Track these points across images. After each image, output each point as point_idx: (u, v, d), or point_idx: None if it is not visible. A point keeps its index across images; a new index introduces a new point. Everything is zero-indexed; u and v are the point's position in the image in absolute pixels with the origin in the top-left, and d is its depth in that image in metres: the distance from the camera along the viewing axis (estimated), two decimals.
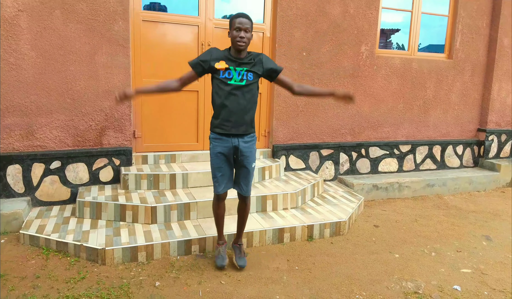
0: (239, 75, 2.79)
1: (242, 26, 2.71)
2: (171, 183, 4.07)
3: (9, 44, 3.71)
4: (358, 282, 3.03)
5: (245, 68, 2.81)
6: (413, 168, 5.81)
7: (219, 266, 3.06)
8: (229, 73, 2.78)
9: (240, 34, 2.71)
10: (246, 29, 2.72)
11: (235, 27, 2.73)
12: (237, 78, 2.79)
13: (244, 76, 2.80)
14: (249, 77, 2.82)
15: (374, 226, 4.17)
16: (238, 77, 2.79)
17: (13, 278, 2.86)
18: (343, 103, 3.00)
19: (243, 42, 2.73)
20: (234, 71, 2.78)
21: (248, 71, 2.82)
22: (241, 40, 2.72)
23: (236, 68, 2.79)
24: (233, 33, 2.74)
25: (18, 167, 3.89)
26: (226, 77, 2.79)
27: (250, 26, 2.75)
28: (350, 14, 5.03)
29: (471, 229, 4.21)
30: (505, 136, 6.23)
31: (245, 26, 2.72)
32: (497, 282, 3.12)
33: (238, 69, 2.79)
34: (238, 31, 2.72)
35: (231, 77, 2.78)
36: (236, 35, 2.72)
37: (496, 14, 5.78)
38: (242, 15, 2.76)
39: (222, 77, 2.79)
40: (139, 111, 4.40)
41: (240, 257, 3.14)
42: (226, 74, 2.78)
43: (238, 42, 2.72)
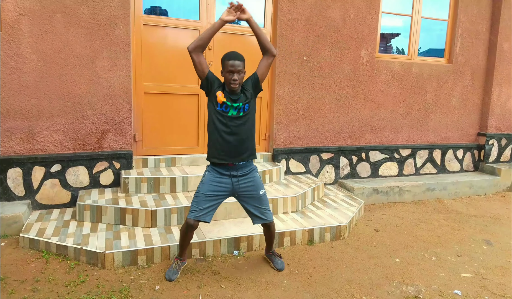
0: (235, 109, 2.85)
1: (234, 68, 2.77)
2: (171, 187, 4.07)
3: (10, 48, 3.72)
4: (358, 286, 3.02)
5: (241, 104, 2.86)
6: (414, 172, 5.80)
7: (167, 278, 2.95)
8: (226, 107, 2.84)
9: (233, 77, 2.78)
10: (238, 71, 2.78)
11: (227, 70, 2.78)
12: (234, 112, 2.85)
13: (241, 110, 2.86)
14: (245, 108, 2.88)
15: (375, 230, 4.17)
16: (235, 111, 2.85)
17: (13, 282, 2.85)
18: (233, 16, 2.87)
19: (237, 84, 2.80)
20: (231, 107, 2.84)
21: (244, 104, 2.87)
22: (234, 82, 2.79)
23: (233, 104, 2.85)
24: (227, 76, 2.80)
25: (18, 170, 3.89)
26: (223, 110, 2.84)
27: (242, 67, 2.81)
28: (350, 19, 5.05)
29: (471, 234, 4.21)
30: (505, 140, 6.24)
31: (238, 68, 2.78)
32: (498, 286, 3.11)
33: (235, 105, 2.85)
34: (231, 74, 2.78)
35: (227, 110, 2.84)
36: (230, 77, 2.79)
37: (496, 19, 5.80)
38: (234, 56, 2.79)
39: (219, 109, 2.85)
40: (140, 114, 4.41)
41: (277, 261, 3.21)
42: (223, 107, 2.84)
43: (231, 84, 2.79)
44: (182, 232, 2.97)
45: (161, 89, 4.45)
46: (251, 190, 2.97)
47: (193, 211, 2.88)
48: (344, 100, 5.20)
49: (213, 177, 2.92)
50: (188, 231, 2.93)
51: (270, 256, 3.28)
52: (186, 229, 2.92)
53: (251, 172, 2.98)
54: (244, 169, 2.95)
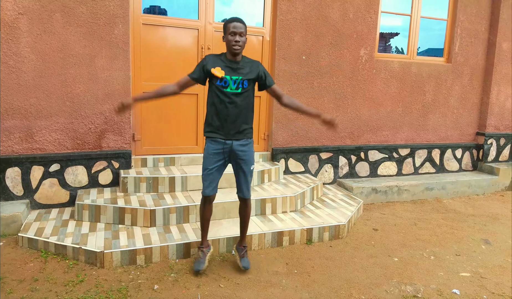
0: (234, 83, 2.84)
1: (236, 30, 2.77)
2: (170, 186, 4.07)
3: (9, 47, 3.72)
4: (357, 285, 3.02)
5: (241, 77, 2.85)
6: (412, 172, 5.81)
7: (195, 270, 2.99)
8: (225, 82, 2.83)
9: (235, 38, 2.77)
10: (240, 33, 2.78)
11: (229, 31, 2.79)
12: (233, 86, 2.84)
13: (240, 84, 2.85)
14: (245, 85, 2.87)
15: (373, 230, 4.17)
16: (234, 85, 2.84)
17: (11, 281, 2.85)
18: (326, 128, 3.05)
19: (239, 46, 2.78)
20: (230, 80, 2.83)
21: (243, 79, 2.86)
22: (236, 44, 2.77)
23: (232, 77, 2.83)
24: (228, 37, 2.80)
25: (17, 170, 3.89)
26: (222, 85, 2.84)
27: (244, 30, 2.81)
28: (350, 18, 5.05)
29: (470, 233, 4.21)
30: (504, 139, 6.24)
31: (240, 30, 2.77)
32: (496, 286, 3.12)
33: (234, 78, 2.84)
34: (233, 35, 2.78)
35: (227, 85, 2.83)
36: (231, 39, 2.78)
37: (495, 18, 5.80)
38: (236, 19, 2.81)
39: (218, 84, 2.84)
40: (139, 114, 4.40)
41: (243, 258, 3.13)
42: (223, 82, 2.83)
43: (233, 46, 2.78)
44: (201, 208, 3.06)
45: None
46: (244, 158, 2.95)
47: (205, 186, 2.98)
48: (343, 100, 5.20)
49: (211, 149, 2.94)
50: (206, 205, 3.02)
51: (240, 249, 3.16)
52: (204, 203, 3.01)
53: (247, 144, 2.98)
54: (241, 140, 2.94)
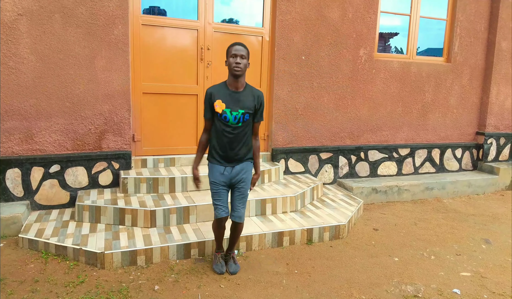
0: (235, 119, 2.88)
1: (238, 52, 2.81)
2: (170, 187, 4.07)
3: (8, 48, 3.72)
4: (357, 285, 3.02)
5: (241, 112, 2.88)
6: (412, 172, 5.81)
7: (219, 273, 3.10)
8: (225, 117, 2.87)
9: (236, 60, 2.81)
10: (241, 56, 2.82)
11: (231, 54, 2.83)
12: (233, 121, 2.88)
13: (240, 119, 2.89)
14: (245, 118, 2.91)
15: (374, 230, 4.17)
16: (234, 120, 2.88)
17: (11, 282, 2.85)
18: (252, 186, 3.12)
19: (239, 68, 2.81)
20: (230, 115, 2.87)
21: (244, 114, 2.89)
22: (237, 65, 2.81)
23: (233, 112, 2.87)
24: (230, 60, 2.84)
25: (17, 171, 3.88)
26: (224, 118, 2.88)
27: (246, 54, 2.85)
28: (349, 18, 5.05)
29: (470, 233, 4.22)
30: (504, 139, 6.25)
31: (241, 52, 2.82)
32: (497, 285, 3.12)
33: (234, 114, 2.87)
34: (234, 58, 2.82)
35: (227, 120, 2.88)
36: (233, 61, 2.82)
37: (494, 18, 5.81)
38: (238, 43, 2.87)
39: (220, 117, 2.89)
40: (139, 114, 4.40)
41: (231, 264, 3.16)
42: (222, 117, 2.88)
43: (234, 68, 2.82)
44: (214, 228, 3.06)
45: (160, 89, 4.45)
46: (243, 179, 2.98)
47: (218, 209, 2.94)
48: (343, 100, 5.20)
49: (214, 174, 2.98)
50: (220, 226, 3.00)
51: (227, 257, 3.22)
52: (218, 224, 2.99)
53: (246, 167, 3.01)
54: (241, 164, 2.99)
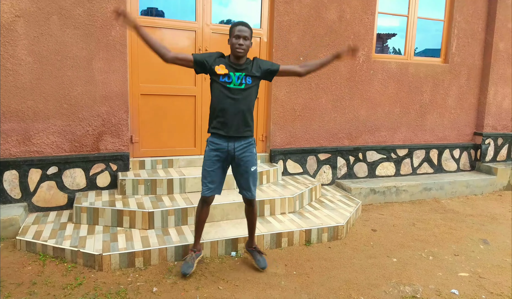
0: (238, 79, 2.86)
1: (241, 33, 2.80)
2: (168, 188, 4.06)
3: (6, 50, 3.71)
4: (356, 286, 3.02)
5: (244, 73, 2.88)
6: (410, 172, 5.82)
7: (182, 273, 2.99)
8: (228, 77, 2.85)
9: (239, 41, 2.80)
10: (245, 37, 2.81)
11: (234, 34, 2.82)
12: (236, 82, 2.86)
13: (243, 80, 2.87)
14: (248, 81, 2.89)
15: (372, 230, 4.17)
16: (237, 81, 2.86)
17: (9, 285, 2.84)
18: (352, 58, 2.99)
19: (242, 49, 2.81)
20: (234, 76, 2.85)
21: (246, 76, 2.88)
22: (240, 47, 2.80)
23: (235, 73, 2.86)
24: (232, 40, 2.83)
25: (14, 173, 3.87)
26: (226, 81, 2.86)
27: (249, 34, 2.83)
28: (347, 19, 5.06)
29: (468, 233, 4.22)
30: (502, 139, 6.26)
31: (244, 33, 2.80)
32: (495, 285, 3.12)
33: (237, 74, 2.86)
34: (237, 39, 2.80)
35: (230, 81, 2.85)
36: (235, 42, 2.81)
37: (492, 19, 5.82)
38: (242, 23, 2.84)
39: (221, 80, 2.86)
40: (136, 116, 4.40)
41: (259, 259, 3.17)
42: (226, 78, 2.85)
43: (237, 49, 2.81)
44: (198, 210, 3.06)
45: (158, 91, 4.45)
46: (245, 160, 2.97)
47: (204, 188, 2.98)
48: (341, 101, 5.21)
49: (212, 152, 2.95)
50: (202, 207, 3.02)
51: (253, 251, 3.23)
52: (201, 205, 3.01)
53: (248, 146, 2.99)
54: (242, 141, 2.96)
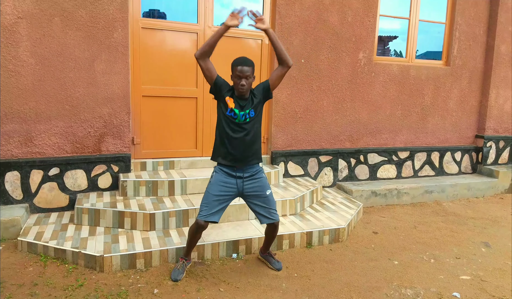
0: (243, 116, 2.90)
1: (242, 74, 2.82)
2: (169, 190, 4.06)
3: (8, 51, 3.72)
4: (357, 289, 3.02)
5: (247, 110, 2.91)
6: (412, 175, 5.81)
7: (173, 279, 2.99)
8: (234, 113, 2.89)
9: (241, 82, 2.83)
10: (246, 77, 2.83)
11: (236, 75, 2.84)
12: (241, 119, 2.90)
13: (247, 115, 2.91)
14: (251, 114, 2.92)
15: (373, 233, 4.17)
16: (242, 118, 2.90)
17: (10, 286, 2.84)
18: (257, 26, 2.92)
19: (244, 89, 2.85)
20: (239, 114, 2.89)
21: (250, 110, 2.92)
22: (242, 87, 2.84)
23: (240, 112, 2.89)
24: (235, 80, 2.87)
25: (16, 174, 3.88)
26: (232, 116, 2.89)
27: (251, 72, 2.86)
28: (348, 22, 5.06)
29: (470, 236, 4.21)
30: (503, 142, 6.25)
31: (246, 74, 2.83)
32: (497, 289, 3.11)
33: (241, 113, 2.90)
34: (239, 79, 2.83)
35: (235, 117, 2.89)
36: (238, 82, 2.84)
37: (493, 22, 5.83)
38: (242, 62, 2.84)
39: (228, 114, 2.90)
40: (138, 117, 4.40)
41: (274, 262, 3.25)
42: (232, 113, 2.89)
43: (239, 89, 2.85)
44: (191, 232, 3.01)
45: (160, 92, 4.46)
46: (257, 190, 3.00)
47: (203, 212, 2.92)
48: (342, 103, 5.21)
49: (220, 177, 2.96)
50: (197, 232, 2.98)
51: (267, 257, 3.30)
52: (196, 229, 2.96)
53: (257, 174, 3.02)
54: (250, 170, 2.99)
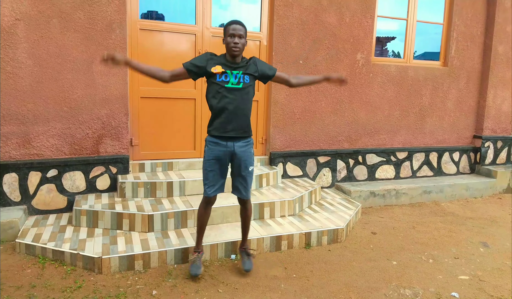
0: (235, 78, 2.84)
1: (235, 32, 2.78)
2: (168, 191, 4.06)
3: (6, 53, 3.71)
4: (356, 290, 3.02)
5: (241, 71, 2.86)
6: (410, 175, 5.82)
7: (193, 274, 2.99)
8: (225, 76, 2.83)
9: (234, 40, 2.78)
10: (239, 35, 2.79)
11: (229, 33, 2.80)
12: (234, 81, 2.83)
13: (241, 78, 2.85)
14: (246, 80, 2.88)
15: (372, 233, 4.17)
16: (235, 80, 2.84)
17: (8, 288, 2.83)
18: (338, 86, 3.04)
19: (237, 48, 2.79)
20: (231, 74, 2.83)
21: (244, 74, 2.87)
22: (235, 45, 2.78)
23: (233, 71, 2.84)
24: (227, 40, 2.81)
25: (14, 176, 3.87)
26: (223, 80, 2.83)
27: (243, 33, 2.82)
28: (346, 23, 5.07)
29: (468, 236, 4.22)
30: (501, 142, 6.27)
31: (239, 32, 2.79)
32: (495, 288, 3.12)
33: (235, 72, 2.85)
34: (232, 37, 2.79)
35: (228, 80, 2.83)
36: (230, 41, 2.79)
37: (491, 22, 5.85)
38: (236, 22, 2.83)
39: (219, 80, 2.83)
40: (136, 119, 4.40)
41: (245, 261, 3.16)
42: (223, 77, 2.83)
43: (232, 47, 2.79)
44: (200, 212, 3.04)
45: (158, 94, 4.45)
46: (244, 159, 2.97)
47: (207, 188, 2.96)
48: (341, 104, 5.22)
49: (211, 152, 2.94)
50: (206, 208, 3.01)
51: (242, 252, 3.24)
52: (205, 206, 3.00)
53: (247, 145, 3.00)
54: (241, 141, 2.96)
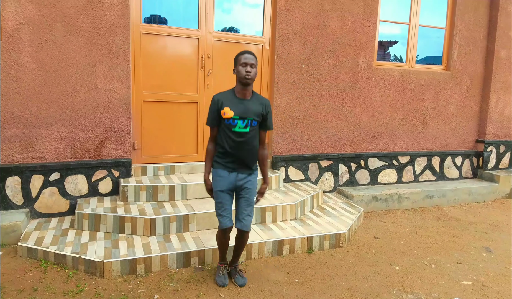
0: (243, 123, 2.87)
1: (248, 61, 2.82)
2: (170, 195, 4.06)
3: (10, 57, 3.74)
4: (358, 295, 3.01)
5: (250, 118, 2.88)
6: (412, 179, 5.81)
7: (221, 285, 3.04)
8: (233, 120, 2.86)
9: (246, 69, 2.81)
10: (251, 64, 2.83)
11: (241, 62, 2.83)
12: (241, 125, 2.87)
13: (249, 123, 2.89)
14: (253, 124, 2.91)
15: (374, 238, 4.16)
16: (242, 124, 2.87)
17: (10, 291, 2.84)
18: (259, 196, 3.07)
19: (250, 76, 2.82)
20: (239, 120, 2.86)
21: (252, 120, 2.90)
22: (248, 74, 2.81)
23: (241, 118, 2.86)
24: (239, 68, 2.83)
25: (17, 179, 3.88)
26: (231, 124, 2.87)
27: (255, 62, 2.86)
28: (348, 27, 5.08)
29: (471, 241, 4.20)
30: (504, 147, 6.25)
31: (251, 61, 2.82)
32: (498, 294, 3.10)
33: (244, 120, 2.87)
34: (244, 66, 2.82)
35: (235, 124, 2.86)
36: (243, 70, 2.82)
37: (493, 26, 5.84)
38: (247, 52, 2.87)
39: (227, 123, 2.87)
40: (139, 122, 4.41)
41: (238, 278, 3.12)
42: (231, 121, 2.86)
43: (245, 76, 2.81)
44: (219, 239, 3.04)
45: (160, 97, 4.47)
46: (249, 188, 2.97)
47: (223, 217, 2.91)
48: (343, 108, 5.22)
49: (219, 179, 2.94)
50: (226, 237, 2.99)
51: (232, 271, 3.18)
52: (223, 236, 2.98)
53: (251, 175, 3.00)
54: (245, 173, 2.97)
